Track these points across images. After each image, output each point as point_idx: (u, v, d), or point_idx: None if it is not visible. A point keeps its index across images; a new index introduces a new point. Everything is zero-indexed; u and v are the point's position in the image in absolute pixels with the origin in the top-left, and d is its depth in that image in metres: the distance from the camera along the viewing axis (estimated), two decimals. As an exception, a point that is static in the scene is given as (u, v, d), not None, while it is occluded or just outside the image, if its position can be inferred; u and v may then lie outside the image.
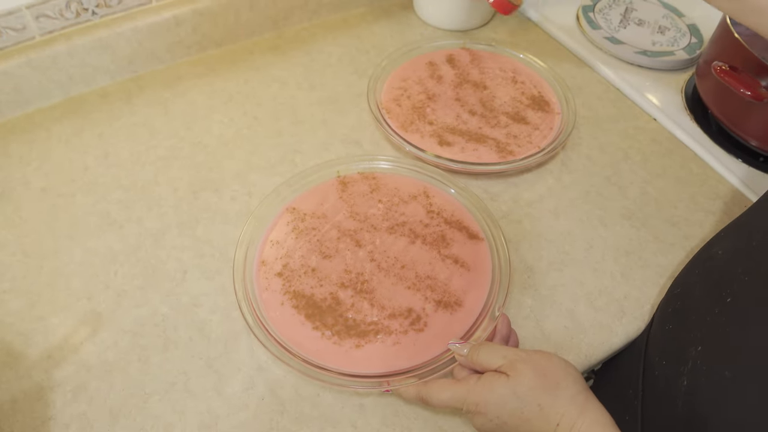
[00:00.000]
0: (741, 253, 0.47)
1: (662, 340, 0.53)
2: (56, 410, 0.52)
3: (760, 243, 0.44)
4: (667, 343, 0.52)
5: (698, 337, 0.46)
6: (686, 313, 0.51)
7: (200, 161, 0.71)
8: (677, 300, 0.54)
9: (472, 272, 0.59)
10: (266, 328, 0.54)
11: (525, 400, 0.45)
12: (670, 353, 0.51)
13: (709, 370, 0.44)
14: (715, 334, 0.45)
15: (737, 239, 0.49)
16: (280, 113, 0.77)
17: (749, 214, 0.51)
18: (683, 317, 0.51)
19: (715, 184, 0.72)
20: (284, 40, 0.87)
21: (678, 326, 0.51)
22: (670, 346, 0.51)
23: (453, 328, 0.55)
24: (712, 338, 0.45)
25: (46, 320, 0.58)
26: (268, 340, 0.53)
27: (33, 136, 0.74)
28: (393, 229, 0.62)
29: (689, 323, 0.49)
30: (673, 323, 0.53)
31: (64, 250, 0.63)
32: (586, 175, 0.72)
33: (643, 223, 0.67)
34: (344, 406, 0.53)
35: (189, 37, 0.81)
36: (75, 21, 0.75)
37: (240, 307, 0.55)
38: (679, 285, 0.56)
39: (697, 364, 0.45)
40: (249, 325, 0.54)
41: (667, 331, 0.53)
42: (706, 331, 0.46)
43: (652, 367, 0.53)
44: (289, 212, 0.63)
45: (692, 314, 0.49)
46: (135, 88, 0.80)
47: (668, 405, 0.48)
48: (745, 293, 0.43)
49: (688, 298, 0.52)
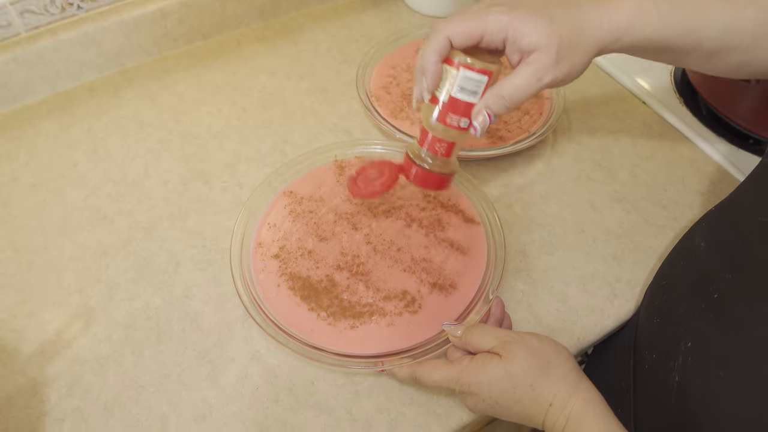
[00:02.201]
0: (724, 248, 0.46)
1: (650, 334, 0.53)
2: (51, 405, 0.52)
3: (743, 239, 0.44)
4: (656, 337, 0.52)
5: (687, 333, 0.46)
6: (673, 306, 0.50)
7: (190, 153, 0.71)
8: (663, 293, 0.54)
9: (468, 255, 0.59)
10: (263, 309, 0.54)
11: (517, 380, 0.45)
12: (659, 347, 0.51)
13: (701, 368, 0.44)
14: (704, 331, 0.45)
15: (719, 230, 0.49)
16: (269, 104, 0.77)
17: (730, 202, 0.50)
18: (670, 311, 0.51)
19: (704, 166, 0.72)
20: (272, 30, 0.87)
21: (665, 320, 0.51)
22: (659, 340, 0.51)
23: (447, 311, 0.55)
24: (701, 335, 0.45)
25: (39, 316, 0.58)
26: (264, 321, 0.53)
27: (21, 132, 0.73)
28: (389, 213, 0.62)
29: (676, 317, 0.49)
30: (660, 317, 0.53)
31: (54, 246, 0.63)
32: (576, 160, 0.72)
33: (634, 205, 0.67)
34: (339, 394, 0.53)
35: (176, 29, 0.81)
36: (60, 16, 0.74)
37: (236, 288, 0.55)
38: (664, 277, 0.56)
39: (688, 360, 0.45)
40: (245, 305, 0.54)
41: (655, 325, 0.53)
42: (694, 326, 0.46)
43: (643, 361, 0.53)
44: (287, 196, 0.63)
45: (679, 308, 0.49)
46: (122, 81, 0.79)
47: (660, 399, 0.48)
48: (731, 291, 0.43)
49: (674, 290, 0.52)
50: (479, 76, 0.46)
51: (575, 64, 0.46)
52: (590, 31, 0.46)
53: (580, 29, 0.45)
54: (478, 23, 0.45)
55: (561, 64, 0.45)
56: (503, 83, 0.46)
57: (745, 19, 0.46)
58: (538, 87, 0.46)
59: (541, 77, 0.45)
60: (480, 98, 0.47)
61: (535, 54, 0.45)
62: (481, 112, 0.47)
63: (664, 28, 0.46)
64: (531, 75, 0.45)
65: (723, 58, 0.48)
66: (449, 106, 0.48)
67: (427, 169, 0.51)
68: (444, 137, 0.49)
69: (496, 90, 0.46)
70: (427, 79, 0.47)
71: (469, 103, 0.47)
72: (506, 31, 0.44)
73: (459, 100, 0.47)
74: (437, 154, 0.50)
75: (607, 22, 0.46)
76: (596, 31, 0.46)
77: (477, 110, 0.47)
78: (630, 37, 0.46)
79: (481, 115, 0.47)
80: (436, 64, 0.46)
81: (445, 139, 0.49)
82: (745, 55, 0.48)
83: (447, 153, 0.50)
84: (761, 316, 0.39)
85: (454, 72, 0.46)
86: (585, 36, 0.45)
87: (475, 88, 0.47)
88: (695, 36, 0.47)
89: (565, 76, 0.47)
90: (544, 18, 0.44)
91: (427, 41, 0.46)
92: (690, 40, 0.47)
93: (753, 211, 0.44)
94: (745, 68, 0.49)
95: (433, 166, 0.51)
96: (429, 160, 0.51)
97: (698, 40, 0.47)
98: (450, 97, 0.47)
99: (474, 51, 0.47)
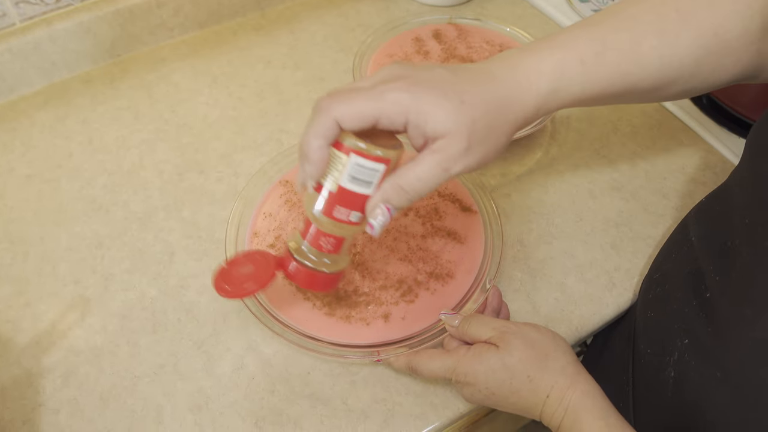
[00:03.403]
0: (712, 245, 0.46)
1: (645, 328, 0.53)
2: (46, 396, 0.52)
3: (731, 239, 0.43)
4: (651, 331, 0.52)
5: (682, 329, 0.46)
6: (667, 301, 0.50)
7: (185, 143, 0.71)
8: (657, 286, 0.53)
9: (465, 245, 0.59)
10: (258, 299, 0.54)
11: (514, 371, 0.45)
12: (655, 341, 0.50)
13: (697, 366, 0.43)
14: (698, 329, 0.44)
15: (710, 224, 0.48)
16: (265, 93, 0.76)
17: (720, 192, 0.50)
18: (664, 305, 0.50)
19: (705, 154, 0.71)
20: (268, 20, 0.86)
21: (659, 314, 0.51)
22: (654, 334, 0.51)
23: (444, 300, 0.55)
24: (696, 333, 0.44)
25: (34, 306, 0.57)
26: (259, 311, 0.53)
27: (16, 123, 0.73)
28: (386, 202, 0.62)
29: (670, 312, 0.48)
30: (654, 311, 0.52)
31: (50, 236, 0.62)
32: (575, 148, 0.71)
33: (633, 194, 0.67)
34: (335, 384, 0.53)
35: (171, 18, 0.80)
36: (55, 6, 0.73)
37: None
38: (658, 269, 0.55)
39: (684, 357, 0.45)
40: None
41: (650, 319, 0.52)
42: (688, 323, 0.45)
43: (640, 355, 0.53)
44: (282, 185, 0.63)
45: (673, 303, 0.49)
46: (118, 72, 0.79)
47: (658, 393, 0.48)
48: (719, 292, 0.43)
49: (667, 283, 0.51)
50: (374, 164, 0.39)
51: (490, 150, 0.40)
52: (507, 110, 0.40)
53: (495, 110, 0.39)
54: (372, 104, 0.38)
55: (473, 152, 0.39)
56: (404, 172, 0.39)
57: (682, 48, 0.42)
58: (445, 177, 0.39)
59: (449, 167, 0.39)
60: (376, 189, 0.40)
61: (442, 141, 0.38)
62: (379, 207, 0.40)
63: (593, 81, 0.42)
64: (437, 165, 0.38)
65: (666, 90, 0.45)
66: (338, 197, 0.41)
67: (310, 267, 0.44)
68: (331, 232, 0.43)
69: (396, 180, 0.39)
70: (311, 166, 0.40)
71: (361, 195, 0.40)
72: (407, 114, 0.38)
73: (349, 191, 0.40)
74: (322, 250, 0.44)
75: (527, 95, 0.41)
76: (514, 110, 0.40)
77: (373, 205, 0.40)
78: (555, 103, 0.42)
79: (378, 210, 0.40)
80: (320, 150, 0.39)
81: (333, 234, 0.43)
82: (689, 83, 0.44)
83: (335, 249, 0.44)
84: (746, 320, 0.39)
85: (344, 159, 0.39)
86: (502, 117, 0.40)
87: (369, 178, 0.40)
88: (629, 80, 0.43)
89: (477, 164, 0.40)
90: (453, 99, 0.38)
91: (311, 121, 0.39)
92: (623, 84, 0.43)
93: (740, 211, 0.43)
94: (690, 93, 0.47)
95: (318, 264, 0.44)
96: (312, 257, 0.44)
97: (632, 82, 0.43)
98: (339, 187, 0.40)
99: (371, 134, 0.40)
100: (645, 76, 0.43)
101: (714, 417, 0.41)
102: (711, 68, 0.44)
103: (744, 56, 0.44)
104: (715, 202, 0.49)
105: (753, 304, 0.39)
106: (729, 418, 0.40)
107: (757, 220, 0.40)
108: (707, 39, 0.42)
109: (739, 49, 0.43)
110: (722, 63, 0.44)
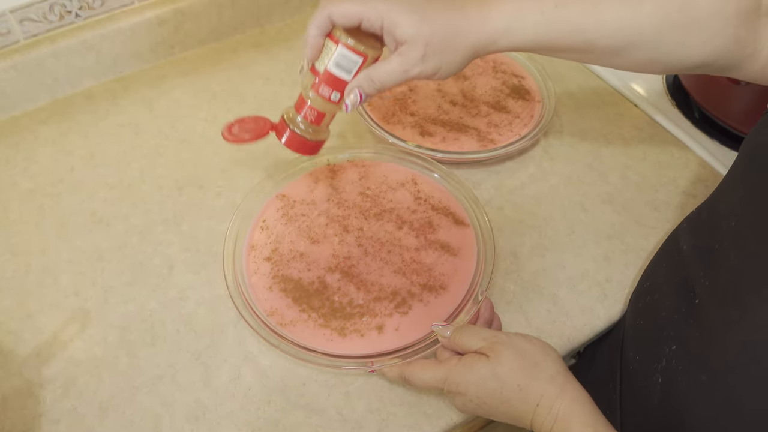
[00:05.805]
0: (702, 252, 0.47)
1: (634, 336, 0.54)
2: (46, 406, 0.53)
3: (720, 243, 0.44)
4: (640, 339, 0.53)
5: (670, 336, 0.47)
6: (656, 309, 0.51)
7: (185, 159, 0.72)
8: (646, 294, 0.54)
9: (458, 257, 0.60)
10: (255, 311, 0.55)
11: (505, 380, 0.45)
12: (643, 349, 0.51)
13: (684, 370, 0.44)
14: (686, 335, 0.45)
15: (699, 233, 0.49)
16: (264, 109, 0.78)
17: (709, 202, 0.51)
18: (653, 313, 0.51)
19: (696, 168, 0.72)
20: (267, 37, 0.88)
21: (648, 322, 0.52)
22: (643, 341, 0.52)
23: (437, 311, 0.56)
24: (684, 339, 0.45)
25: (35, 318, 0.58)
26: (256, 323, 0.54)
27: (19, 138, 0.74)
28: (381, 215, 0.63)
29: (659, 320, 0.49)
30: (643, 319, 0.53)
31: (51, 249, 0.64)
32: (567, 162, 0.72)
33: (624, 207, 0.68)
34: (330, 394, 0.54)
35: (172, 36, 0.82)
36: (59, 24, 0.75)
37: (229, 290, 0.56)
38: (648, 278, 0.56)
39: (672, 363, 0.46)
40: (237, 307, 0.55)
41: (639, 327, 0.53)
42: (676, 330, 0.46)
43: (628, 362, 0.53)
44: (279, 199, 0.64)
45: (662, 311, 0.49)
46: (120, 88, 0.80)
47: (645, 400, 0.49)
48: (708, 297, 0.44)
49: (657, 293, 0.52)
50: (355, 56, 0.49)
51: (444, 63, 0.48)
52: (465, 34, 0.47)
53: (454, 32, 0.47)
54: (357, 8, 0.47)
55: (428, 61, 0.47)
56: (376, 66, 0.49)
57: (644, 15, 0.46)
58: (405, 77, 0.48)
59: (408, 69, 0.47)
60: (353, 77, 0.50)
61: (404, 46, 0.47)
62: (353, 91, 0.50)
63: (549, 29, 0.47)
64: (399, 65, 0.47)
65: (628, 55, 0.48)
66: (324, 78, 0.51)
67: (298, 133, 0.54)
68: (315, 106, 0.53)
69: (369, 72, 0.49)
70: (308, 50, 0.50)
71: (341, 80, 0.51)
72: (382, 20, 0.47)
73: (333, 74, 0.50)
74: (308, 120, 0.54)
75: (484, 26, 0.47)
76: (471, 35, 0.47)
77: (349, 88, 0.50)
78: (508, 40, 0.48)
79: (353, 93, 0.50)
80: (315, 38, 0.49)
81: (316, 108, 0.53)
82: (650, 52, 0.48)
83: (317, 121, 0.54)
84: (734, 323, 0.40)
85: (333, 48, 0.49)
86: (459, 38, 0.47)
87: (349, 67, 0.50)
88: (586, 35, 0.47)
89: (432, 72, 0.48)
90: (417, 13, 0.46)
91: (312, 16, 0.49)
92: (581, 38, 0.47)
93: (726, 215, 0.44)
94: (657, 65, 0.49)
95: (305, 132, 0.54)
96: (301, 126, 0.54)
97: (590, 39, 0.47)
98: (326, 70, 0.51)
99: (360, 34, 0.49)
100: (602, 35, 0.47)
101: (699, 423, 0.42)
102: (676, 41, 0.47)
103: (716, 39, 0.46)
104: (705, 211, 0.50)
105: (739, 306, 0.40)
106: (714, 423, 0.41)
107: (744, 222, 0.41)
108: (672, 11, 0.46)
109: (709, 29, 0.45)
110: (689, 40, 0.46)
